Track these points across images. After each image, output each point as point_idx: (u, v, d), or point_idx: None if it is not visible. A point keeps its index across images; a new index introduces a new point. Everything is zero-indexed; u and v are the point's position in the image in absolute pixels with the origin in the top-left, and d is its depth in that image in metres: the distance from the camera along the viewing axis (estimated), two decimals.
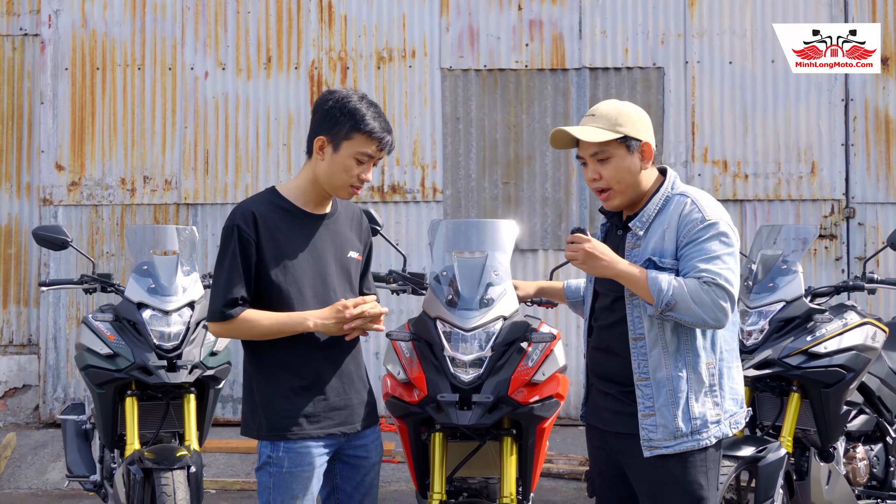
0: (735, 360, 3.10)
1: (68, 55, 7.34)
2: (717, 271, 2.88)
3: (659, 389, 2.96)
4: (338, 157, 3.01)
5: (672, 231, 2.95)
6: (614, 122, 2.99)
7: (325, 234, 3.09)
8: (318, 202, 3.10)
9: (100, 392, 4.28)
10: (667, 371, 2.96)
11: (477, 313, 3.50)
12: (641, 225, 3.02)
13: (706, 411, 2.97)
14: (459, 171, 7.29)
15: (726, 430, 3.02)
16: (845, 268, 7.16)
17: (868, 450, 4.58)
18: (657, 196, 3.03)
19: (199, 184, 7.31)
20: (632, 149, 3.00)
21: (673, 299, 2.86)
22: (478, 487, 3.75)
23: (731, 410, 3.04)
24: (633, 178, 3.01)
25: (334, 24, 7.34)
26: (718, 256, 2.90)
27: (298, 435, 2.98)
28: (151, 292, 4.29)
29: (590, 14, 7.28)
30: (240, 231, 2.97)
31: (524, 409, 3.44)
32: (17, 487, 6.38)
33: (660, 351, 2.96)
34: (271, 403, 3.00)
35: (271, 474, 2.99)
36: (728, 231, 2.94)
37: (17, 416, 7.46)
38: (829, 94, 7.21)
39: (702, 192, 3.07)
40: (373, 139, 3.01)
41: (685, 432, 2.95)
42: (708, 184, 7.20)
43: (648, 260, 2.97)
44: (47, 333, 7.28)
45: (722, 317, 2.89)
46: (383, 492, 6.15)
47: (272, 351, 3.01)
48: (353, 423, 3.08)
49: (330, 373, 3.02)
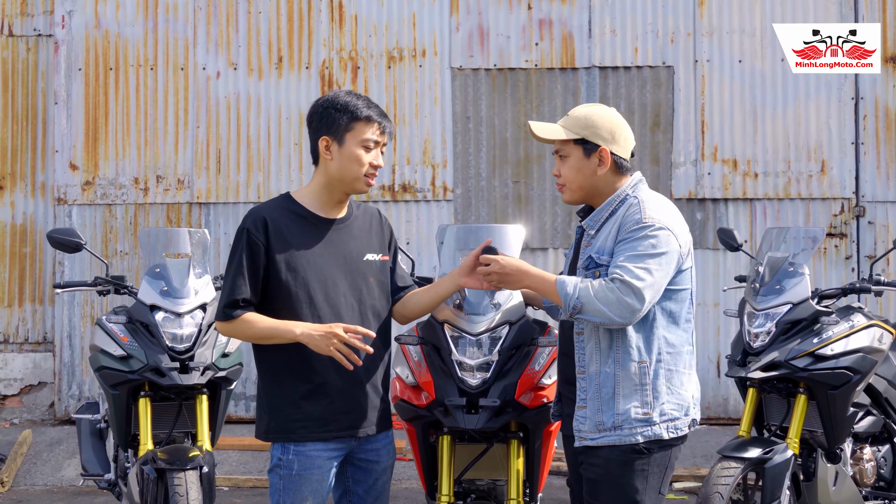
0: (685, 366, 3.09)
1: (82, 55, 7.40)
2: (630, 268, 2.93)
3: (590, 383, 3.04)
4: (345, 150, 3.07)
5: (615, 230, 3.04)
6: (580, 125, 3.11)
7: (339, 238, 3.12)
8: (332, 206, 3.14)
9: (114, 393, 4.34)
10: (597, 366, 3.03)
11: (484, 318, 3.55)
12: (593, 224, 3.12)
13: (630, 408, 3.00)
14: (470, 170, 7.32)
15: (660, 433, 3.01)
16: (855, 266, 7.16)
17: (875, 451, 4.60)
18: (612, 197, 3.11)
19: (211, 183, 7.37)
20: (588, 152, 3.09)
21: (579, 302, 2.93)
22: (485, 489, 3.80)
23: (671, 414, 3.03)
24: (585, 179, 3.11)
25: (345, 23, 7.38)
26: (639, 255, 2.95)
27: (306, 438, 3.03)
28: (164, 295, 4.34)
29: (599, 13, 7.29)
30: (249, 234, 3.04)
31: (531, 412, 3.48)
32: (32, 484, 6.46)
33: (593, 346, 3.04)
34: (278, 407, 3.06)
35: (281, 476, 3.05)
36: (662, 234, 2.98)
37: (32, 413, 7.55)
38: (839, 93, 7.21)
39: (657, 196, 3.12)
40: (373, 123, 3.08)
41: (607, 426, 3.00)
42: (718, 182, 7.21)
43: (589, 257, 3.06)
44: (62, 331, 7.36)
45: (628, 314, 2.92)
46: (394, 489, 6.20)
47: (279, 355, 3.06)
48: (363, 426, 3.11)
49: (338, 377, 3.05)
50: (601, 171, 3.10)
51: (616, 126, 3.12)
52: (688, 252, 3.07)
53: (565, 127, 3.12)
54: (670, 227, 3.00)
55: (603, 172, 3.10)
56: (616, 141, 3.10)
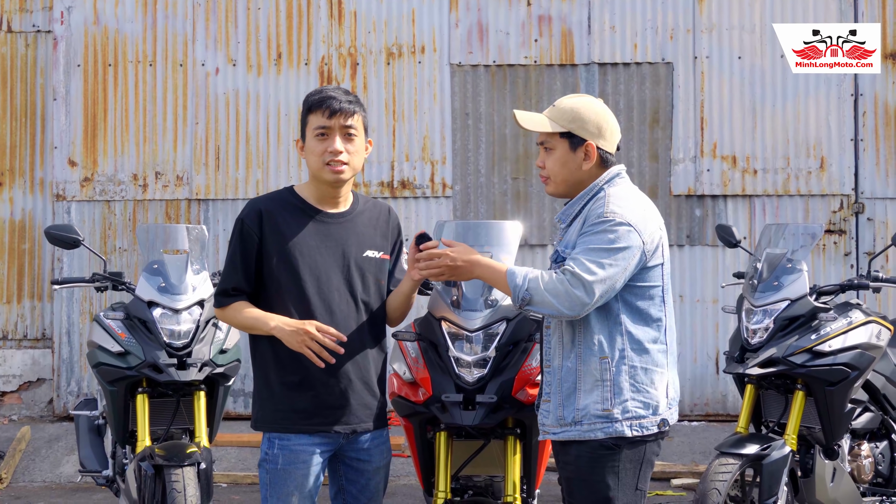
0: (655, 364, 3.02)
1: (80, 52, 7.39)
2: (582, 261, 2.88)
3: (553, 377, 3.03)
4: (307, 145, 3.13)
5: (580, 223, 3.02)
6: (567, 118, 3.05)
7: (338, 232, 3.12)
8: (328, 200, 3.15)
9: (111, 389, 4.34)
10: (559, 360, 3.02)
11: (481, 314, 3.55)
12: (565, 219, 3.11)
13: (590, 404, 2.96)
14: (469, 166, 7.32)
15: (622, 430, 2.95)
16: (854, 263, 7.16)
17: (873, 447, 4.60)
18: (585, 191, 3.07)
19: (210, 179, 7.37)
20: (574, 146, 3.05)
21: (528, 294, 2.90)
22: (483, 485, 3.80)
23: (634, 412, 2.96)
24: (569, 173, 3.07)
25: (344, 19, 7.37)
26: (594, 249, 2.90)
27: (289, 429, 3.04)
28: (162, 291, 4.34)
29: (598, 9, 7.29)
30: (243, 225, 3.10)
31: (528, 408, 3.48)
32: (31, 480, 6.46)
33: (557, 340, 3.03)
34: (266, 397, 3.11)
35: (268, 471, 3.07)
36: (621, 230, 2.92)
37: (31, 409, 7.56)
38: (839, 90, 7.20)
39: (628, 191, 3.06)
40: (319, 109, 3.08)
41: (568, 421, 2.99)
42: (717, 179, 7.21)
43: (556, 251, 3.06)
44: (61, 328, 7.36)
45: (577, 307, 2.88)
46: (392, 486, 6.20)
47: (268, 346, 3.08)
48: (350, 423, 3.08)
49: (324, 371, 3.03)
50: (586, 166, 3.06)
51: (603, 120, 3.07)
52: (656, 248, 3.00)
53: (551, 118, 3.07)
54: (632, 223, 2.94)
55: (588, 167, 3.06)
56: (602, 135, 3.06)
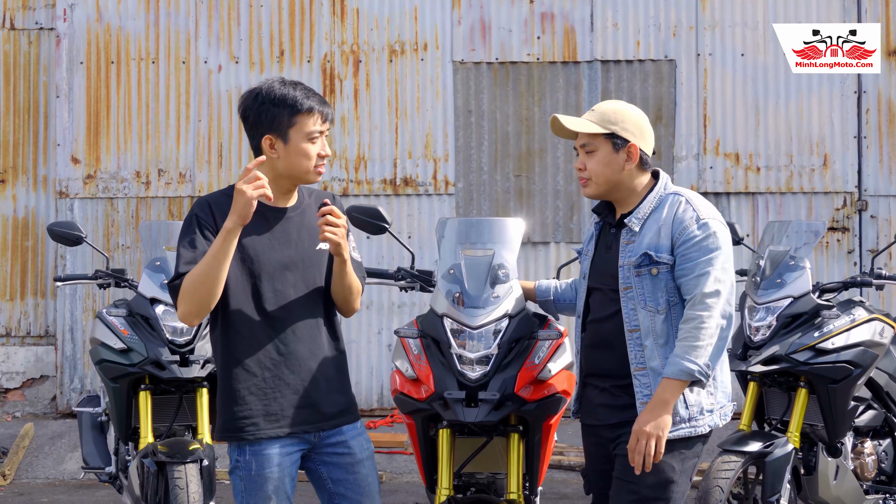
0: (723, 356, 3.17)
1: (83, 49, 7.39)
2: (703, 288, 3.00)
3: (655, 378, 3.04)
4: (291, 146, 2.96)
5: (667, 228, 3.08)
6: (607, 120, 3.13)
7: (289, 227, 3.03)
8: (279, 196, 3.03)
9: (114, 386, 4.34)
10: (660, 360, 3.05)
11: (484, 311, 3.54)
12: (637, 221, 3.13)
13: (701, 399, 3.08)
14: (471, 163, 7.32)
15: (717, 421, 3.13)
16: (857, 261, 7.15)
17: (876, 445, 4.59)
18: (651, 195, 3.15)
19: (212, 177, 7.37)
20: (618, 147, 3.12)
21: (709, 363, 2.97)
22: (485, 483, 3.79)
23: (722, 402, 3.15)
24: (613, 174, 3.13)
25: (346, 17, 7.37)
26: (707, 266, 3.02)
27: (256, 436, 2.95)
28: (164, 288, 4.34)
29: (601, 6, 7.28)
30: (198, 218, 2.95)
31: (530, 406, 3.48)
32: (34, 477, 6.47)
33: (652, 341, 3.06)
34: (226, 403, 2.99)
35: (241, 478, 2.98)
36: (718, 231, 3.07)
37: (34, 406, 7.56)
38: (842, 87, 7.19)
39: (693, 192, 3.21)
40: (314, 113, 2.96)
41: (684, 418, 3.04)
42: (720, 176, 7.20)
43: (644, 254, 3.07)
44: (64, 325, 7.37)
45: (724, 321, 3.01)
46: (395, 483, 6.22)
47: (229, 353, 2.98)
48: (318, 422, 3.01)
49: (289, 372, 2.97)
50: (628, 167, 3.13)
51: (643, 122, 3.17)
52: None
53: (593, 121, 3.14)
54: (722, 222, 3.11)
55: (630, 168, 3.13)
56: (643, 137, 3.15)
